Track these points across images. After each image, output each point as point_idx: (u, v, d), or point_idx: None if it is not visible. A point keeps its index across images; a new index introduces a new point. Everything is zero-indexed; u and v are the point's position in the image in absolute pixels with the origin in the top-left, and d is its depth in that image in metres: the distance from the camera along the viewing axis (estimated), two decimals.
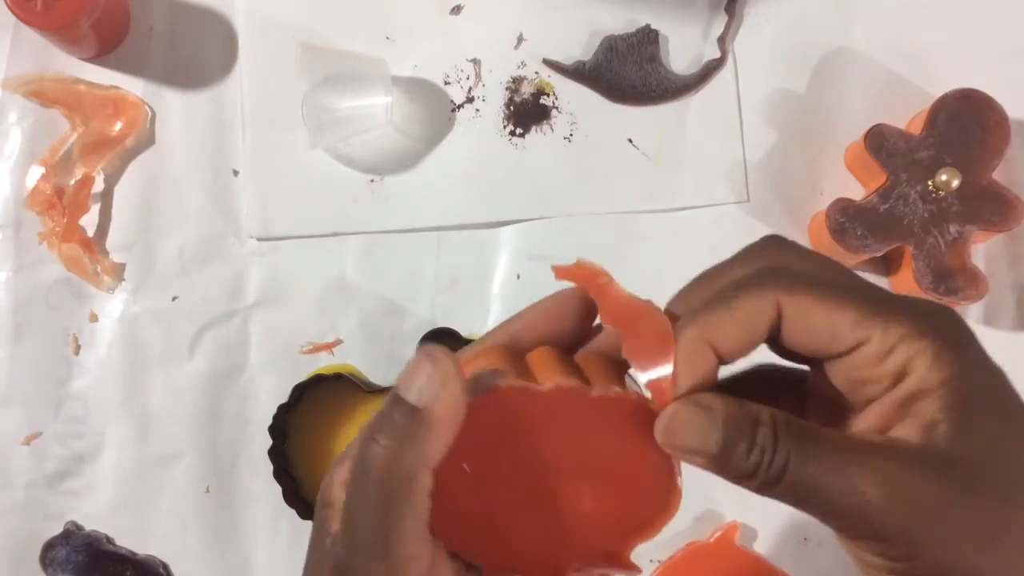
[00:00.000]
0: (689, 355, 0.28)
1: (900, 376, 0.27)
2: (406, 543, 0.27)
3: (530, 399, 0.29)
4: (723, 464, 0.27)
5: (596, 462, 0.30)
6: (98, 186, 0.64)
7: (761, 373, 0.32)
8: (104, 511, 0.62)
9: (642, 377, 0.29)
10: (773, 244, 0.30)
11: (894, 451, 0.26)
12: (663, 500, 0.30)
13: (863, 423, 0.28)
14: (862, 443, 0.27)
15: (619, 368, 0.31)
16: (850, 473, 0.26)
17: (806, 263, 0.29)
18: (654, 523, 0.30)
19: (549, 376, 0.29)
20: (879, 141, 0.60)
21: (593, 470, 0.30)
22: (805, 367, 0.30)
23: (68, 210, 0.63)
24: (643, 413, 0.29)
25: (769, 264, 0.29)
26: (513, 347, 0.31)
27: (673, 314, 0.30)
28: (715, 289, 0.29)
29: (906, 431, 0.27)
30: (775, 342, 0.29)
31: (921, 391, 0.27)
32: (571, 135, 0.65)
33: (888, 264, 0.64)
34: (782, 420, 0.27)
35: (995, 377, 0.28)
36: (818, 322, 0.27)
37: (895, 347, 0.27)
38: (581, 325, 0.31)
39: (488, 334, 0.32)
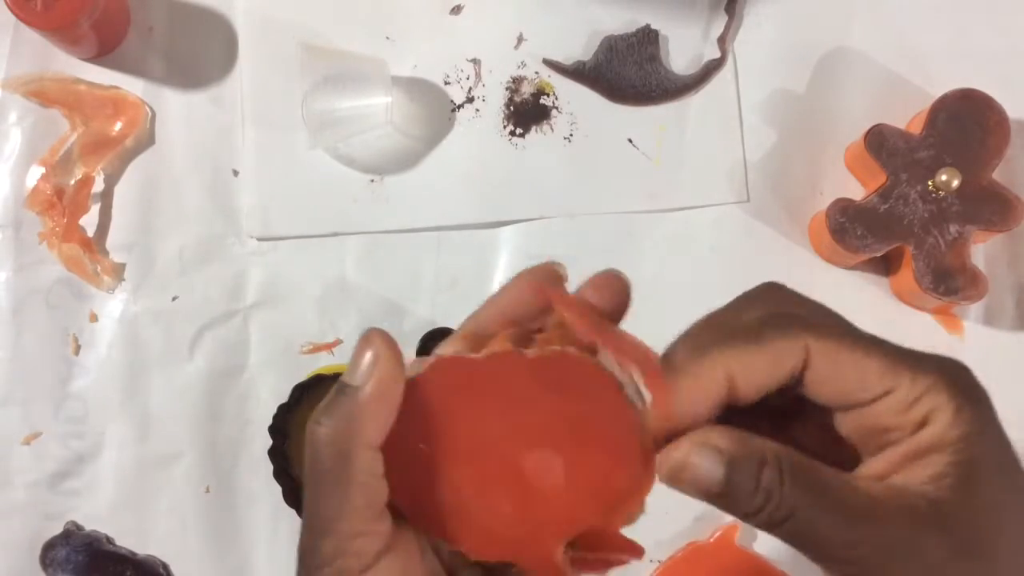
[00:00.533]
0: (707, 385, 0.28)
1: (920, 426, 0.27)
2: (351, 521, 0.28)
3: (466, 369, 0.29)
4: (727, 503, 0.27)
5: (555, 429, 0.29)
6: (98, 186, 0.64)
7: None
8: (104, 511, 0.62)
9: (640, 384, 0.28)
10: (775, 291, 0.30)
11: (900, 509, 0.26)
12: (636, 467, 0.29)
13: (872, 467, 0.28)
14: (869, 496, 0.27)
15: (582, 345, 0.30)
16: (855, 527, 0.26)
17: (808, 310, 0.29)
18: (634, 493, 0.29)
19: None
20: (879, 141, 0.60)
21: (554, 438, 0.29)
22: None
23: (68, 210, 0.63)
24: (592, 371, 0.28)
25: (779, 310, 0.29)
26: (477, 335, 0.31)
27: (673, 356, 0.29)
28: (733, 329, 0.29)
29: (913, 478, 0.27)
30: (788, 389, 0.28)
31: (938, 443, 0.27)
32: (571, 135, 0.65)
33: (888, 264, 0.64)
34: (788, 461, 0.27)
35: (1003, 440, 0.28)
36: (847, 369, 0.28)
37: (921, 397, 0.27)
38: (540, 307, 0.31)
39: (458, 328, 0.32)
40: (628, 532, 0.31)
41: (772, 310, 0.29)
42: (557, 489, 0.29)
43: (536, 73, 0.65)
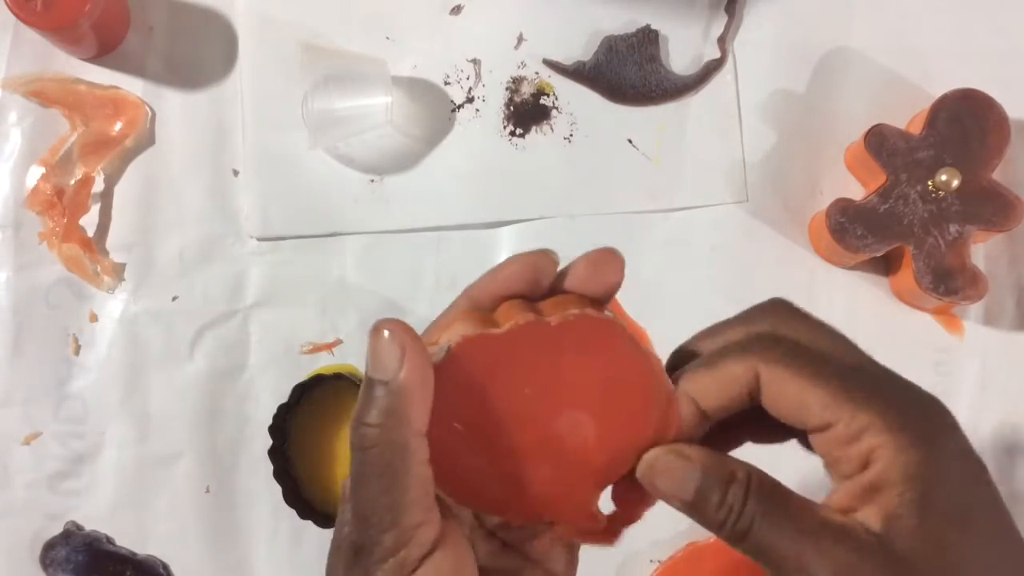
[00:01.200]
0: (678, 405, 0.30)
1: (865, 464, 0.27)
2: (412, 512, 0.28)
3: (493, 344, 0.29)
4: (696, 512, 0.29)
5: (585, 389, 0.30)
6: (98, 186, 0.64)
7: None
8: (104, 511, 0.62)
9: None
10: (778, 308, 0.31)
11: (848, 538, 0.27)
12: (663, 411, 0.30)
13: (834, 498, 0.28)
14: (822, 522, 0.27)
15: (588, 303, 0.31)
16: (803, 550, 0.27)
17: (805, 331, 0.30)
18: (661, 435, 0.30)
19: (509, 321, 0.30)
20: (879, 141, 0.60)
21: (585, 397, 0.30)
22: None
23: (68, 210, 0.63)
24: (611, 329, 0.30)
25: (763, 330, 0.30)
26: (476, 309, 0.31)
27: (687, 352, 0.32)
28: (711, 346, 0.31)
29: (868, 517, 0.27)
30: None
31: (883, 482, 0.27)
32: (571, 135, 0.65)
33: (888, 264, 0.64)
34: (756, 481, 0.28)
35: (968, 475, 0.28)
36: (789, 396, 0.28)
37: (860, 435, 0.27)
38: (536, 283, 0.32)
39: (449, 306, 0.32)
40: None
41: (756, 331, 0.30)
42: (592, 445, 0.30)
43: (536, 73, 0.65)
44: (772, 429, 0.30)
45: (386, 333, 0.29)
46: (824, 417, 0.28)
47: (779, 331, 0.30)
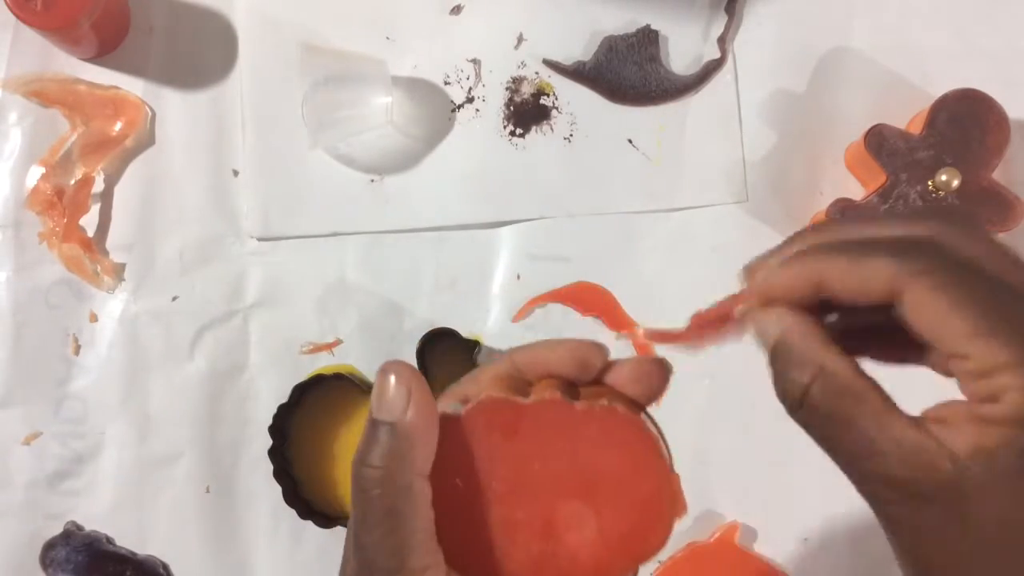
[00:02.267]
0: (792, 280, 0.29)
1: (988, 399, 0.26)
2: (418, 555, 0.28)
3: (514, 411, 0.29)
4: (771, 372, 0.29)
5: (594, 484, 0.29)
6: (98, 186, 0.64)
7: None
8: (104, 511, 0.62)
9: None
10: (949, 215, 0.29)
11: (921, 459, 0.26)
12: (666, 528, 0.30)
13: (938, 410, 0.27)
14: (897, 436, 0.27)
15: (626, 399, 0.30)
16: (869, 457, 0.27)
17: (969, 245, 0.28)
18: (659, 549, 0.30)
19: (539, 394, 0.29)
20: (879, 141, 0.60)
21: (592, 492, 0.29)
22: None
23: (68, 210, 0.63)
24: (635, 430, 0.29)
25: (922, 235, 0.28)
26: (514, 376, 0.31)
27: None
28: (861, 234, 0.29)
29: (959, 440, 0.26)
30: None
31: (998, 419, 0.26)
32: (571, 135, 0.65)
33: None
34: (831, 376, 0.28)
35: None
36: (929, 316, 0.27)
37: (994, 372, 0.26)
38: (582, 371, 0.31)
39: (488, 364, 0.32)
40: None
41: (914, 236, 0.28)
42: (587, 542, 0.30)
43: (536, 73, 0.65)
44: (898, 348, 0.29)
45: (392, 377, 0.28)
46: (962, 347, 0.26)
47: (939, 239, 0.28)
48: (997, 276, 0.27)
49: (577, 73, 0.65)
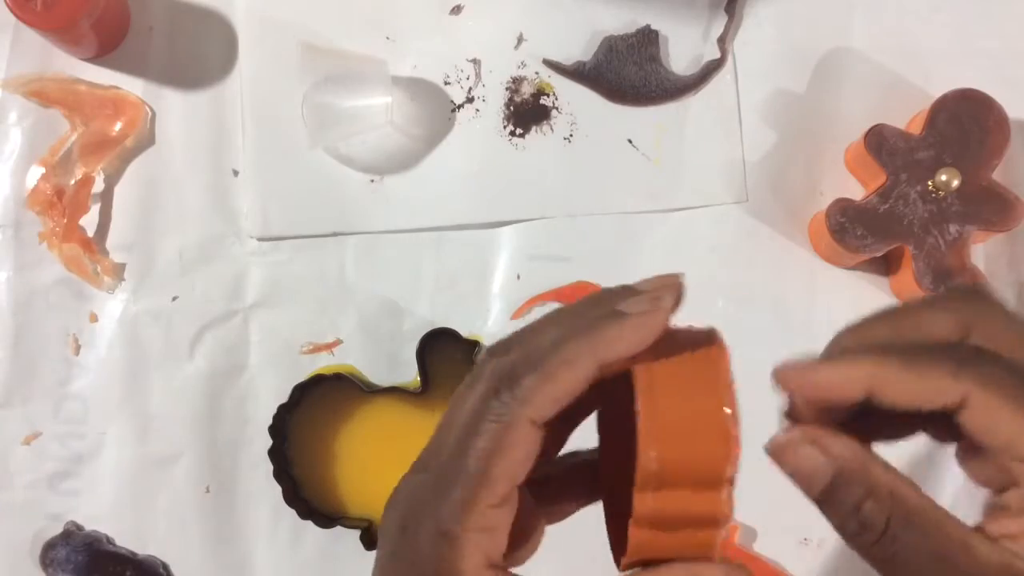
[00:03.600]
0: (843, 387, 0.28)
1: None
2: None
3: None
4: (825, 511, 0.28)
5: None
6: (98, 186, 0.64)
7: None
8: (104, 511, 0.62)
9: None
10: (975, 297, 0.29)
11: None
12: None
13: (1006, 526, 0.27)
14: (979, 561, 0.26)
15: None
16: None
17: (1007, 330, 0.28)
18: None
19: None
20: (879, 141, 0.60)
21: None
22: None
23: (68, 210, 0.63)
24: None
25: (975, 342, 0.28)
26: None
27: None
28: (903, 335, 0.29)
29: None
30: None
31: None
32: (571, 135, 0.65)
33: (888, 264, 0.64)
34: (899, 498, 0.27)
35: None
36: (1003, 428, 0.26)
37: None
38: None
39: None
40: None
41: (959, 329, 0.28)
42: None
43: (536, 73, 0.65)
44: (901, 425, 0.29)
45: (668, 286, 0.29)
46: None
47: (976, 333, 0.28)
48: None
49: (577, 73, 0.65)
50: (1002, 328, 0.28)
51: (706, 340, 0.30)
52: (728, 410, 0.28)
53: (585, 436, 0.34)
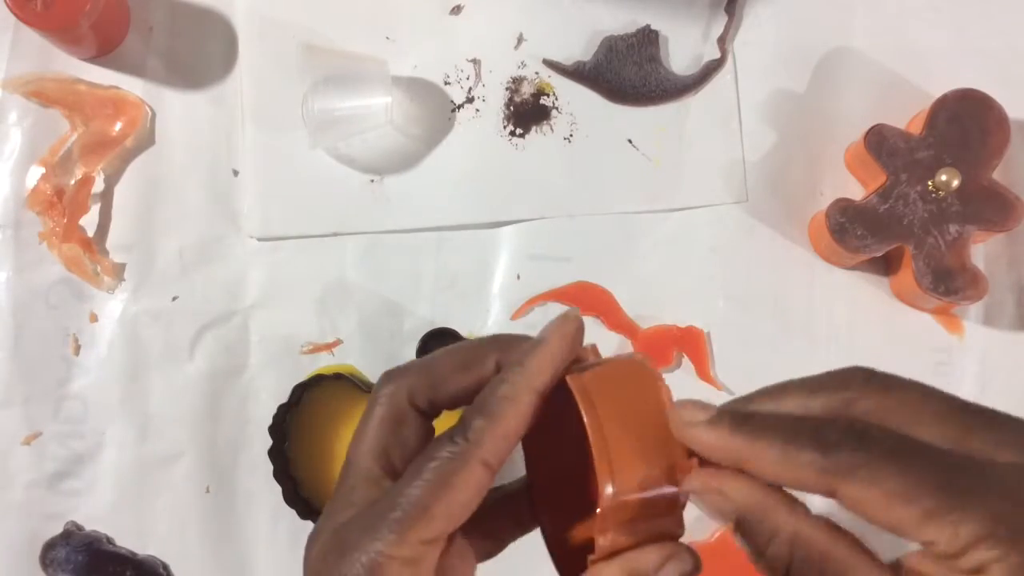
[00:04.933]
0: (713, 449, 0.28)
1: (972, 573, 0.24)
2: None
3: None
4: (741, 540, 0.28)
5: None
6: (98, 186, 0.64)
7: None
8: (104, 511, 0.62)
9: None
10: (862, 378, 0.28)
11: None
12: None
13: (915, 559, 0.26)
14: None
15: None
16: None
17: (888, 409, 0.27)
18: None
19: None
20: (879, 141, 0.60)
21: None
22: None
23: (68, 210, 0.63)
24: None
25: (850, 411, 0.27)
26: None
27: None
28: (788, 413, 0.28)
29: None
30: None
31: None
32: (571, 135, 0.65)
33: (888, 264, 0.64)
34: (803, 542, 0.27)
35: None
36: (874, 514, 0.25)
37: (967, 550, 0.24)
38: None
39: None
40: None
41: (843, 417, 0.27)
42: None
43: (536, 73, 0.65)
44: None
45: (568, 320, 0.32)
46: (921, 534, 0.24)
47: (858, 408, 0.27)
48: (925, 442, 0.26)
49: (577, 73, 0.65)
50: (885, 401, 0.27)
51: (638, 368, 0.31)
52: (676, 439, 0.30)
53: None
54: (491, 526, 0.33)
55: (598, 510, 0.29)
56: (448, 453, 0.29)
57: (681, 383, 0.62)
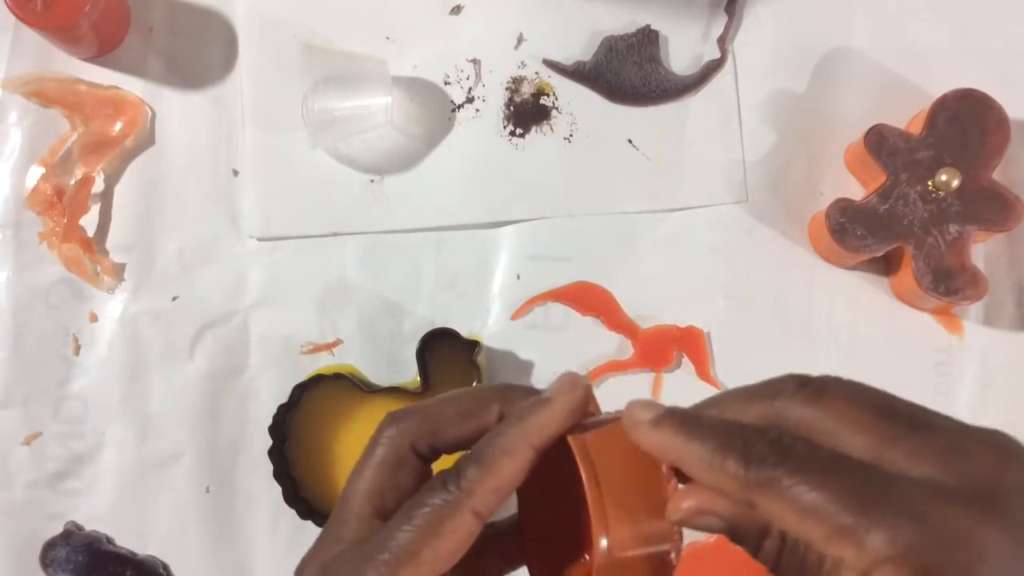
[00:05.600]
0: (655, 449, 0.30)
1: None
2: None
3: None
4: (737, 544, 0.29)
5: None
6: (98, 186, 0.64)
7: None
8: (104, 511, 0.62)
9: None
10: (794, 385, 0.28)
11: None
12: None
13: None
14: None
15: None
16: None
17: (819, 413, 0.27)
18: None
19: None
20: (879, 141, 0.60)
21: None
22: None
23: (68, 210, 0.63)
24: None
25: (783, 420, 0.28)
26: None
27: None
28: (727, 419, 0.29)
29: None
30: None
31: None
32: (571, 135, 0.65)
33: (888, 264, 0.64)
34: (790, 546, 0.27)
35: None
36: (788, 527, 0.26)
37: (872, 569, 0.24)
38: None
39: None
40: None
41: (770, 415, 0.28)
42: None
43: (536, 73, 0.65)
44: None
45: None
46: (830, 550, 0.25)
47: (790, 417, 0.28)
48: (846, 455, 0.26)
49: (577, 73, 0.65)
50: (805, 410, 0.28)
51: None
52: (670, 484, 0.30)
53: None
54: (480, 563, 0.33)
55: (591, 562, 0.30)
56: (440, 500, 0.30)
57: (681, 383, 0.62)
